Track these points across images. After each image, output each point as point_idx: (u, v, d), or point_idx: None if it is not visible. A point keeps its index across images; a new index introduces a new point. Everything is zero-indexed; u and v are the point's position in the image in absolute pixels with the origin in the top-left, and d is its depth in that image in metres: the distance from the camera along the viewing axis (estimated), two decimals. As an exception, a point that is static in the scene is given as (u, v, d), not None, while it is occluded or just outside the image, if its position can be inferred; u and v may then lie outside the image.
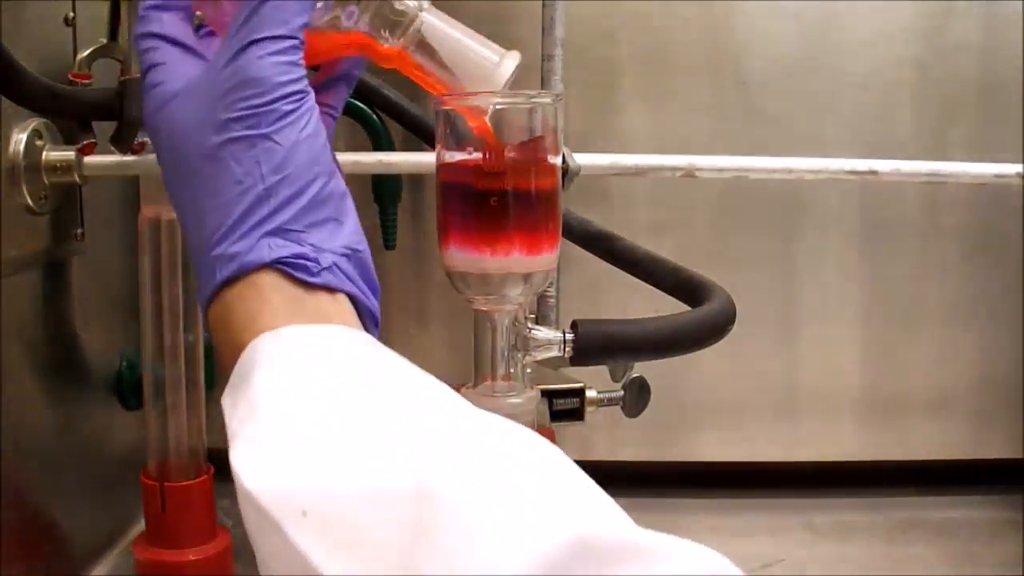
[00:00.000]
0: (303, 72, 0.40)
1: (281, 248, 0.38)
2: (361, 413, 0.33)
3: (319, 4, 0.42)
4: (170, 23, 0.42)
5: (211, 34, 0.45)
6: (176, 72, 0.41)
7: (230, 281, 0.38)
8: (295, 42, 0.39)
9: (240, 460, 0.33)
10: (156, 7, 0.42)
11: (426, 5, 0.44)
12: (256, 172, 0.38)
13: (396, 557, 0.28)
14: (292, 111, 0.39)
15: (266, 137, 0.38)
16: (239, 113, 0.38)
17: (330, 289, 0.39)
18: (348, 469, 0.30)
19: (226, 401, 0.36)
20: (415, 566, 0.27)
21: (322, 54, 0.46)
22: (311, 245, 0.38)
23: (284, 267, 0.38)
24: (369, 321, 0.41)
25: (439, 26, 0.44)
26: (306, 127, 0.39)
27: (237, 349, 0.37)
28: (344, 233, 0.40)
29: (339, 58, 0.47)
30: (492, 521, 0.28)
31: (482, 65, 0.44)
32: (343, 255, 0.39)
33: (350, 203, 0.41)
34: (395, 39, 0.44)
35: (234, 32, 0.39)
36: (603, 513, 0.30)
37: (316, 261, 0.38)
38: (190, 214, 0.40)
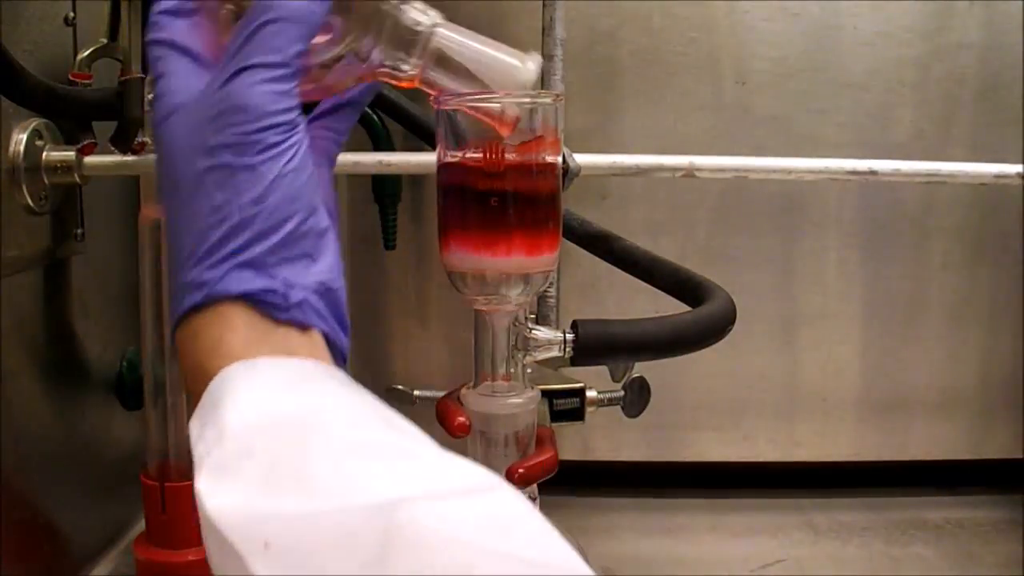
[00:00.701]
0: (295, 102, 0.39)
1: (250, 281, 0.37)
2: (329, 448, 0.32)
3: (324, 38, 0.41)
4: (181, 31, 0.41)
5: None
6: (181, 84, 0.40)
7: (198, 308, 0.37)
8: (288, 71, 0.38)
9: (205, 487, 0.32)
10: (168, 12, 0.41)
11: (438, 18, 0.43)
12: (235, 202, 0.37)
13: None
14: (278, 143, 0.38)
15: (249, 167, 0.37)
16: (225, 139, 0.37)
17: (301, 324, 0.38)
18: (312, 503, 0.30)
19: (193, 427, 0.35)
20: None
21: (334, 86, 0.44)
22: (282, 280, 0.38)
23: (252, 301, 0.37)
24: (337, 358, 0.40)
25: (455, 37, 0.43)
26: (291, 161, 0.38)
27: (202, 374, 0.36)
28: (317, 269, 0.39)
29: (341, 91, 0.46)
30: (456, 563, 0.27)
31: (507, 70, 0.44)
32: (315, 291, 0.39)
33: (331, 239, 0.40)
34: (414, 58, 0.43)
35: (230, 55, 0.38)
36: (568, 567, 0.29)
37: (285, 297, 0.38)
38: (172, 234, 0.39)
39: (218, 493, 0.32)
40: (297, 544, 0.29)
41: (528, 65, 0.44)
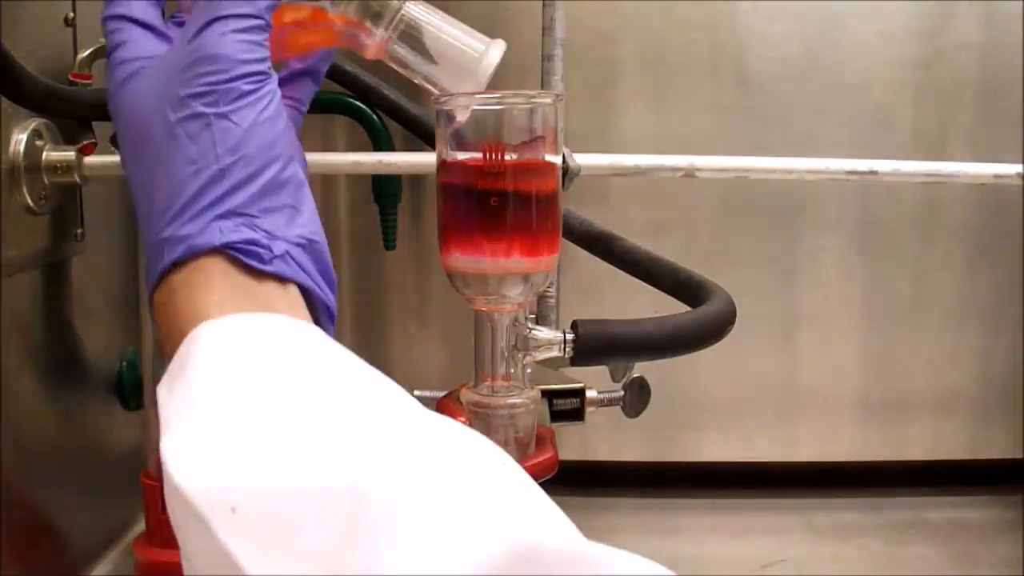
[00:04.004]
0: (266, 53, 0.39)
1: (232, 232, 0.36)
2: (299, 409, 0.31)
3: None
4: (137, 6, 0.41)
5: (181, 24, 0.44)
6: (140, 50, 0.40)
7: (177, 264, 0.36)
8: (260, 22, 0.39)
9: (171, 451, 0.31)
10: None
11: None
12: (211, 152, 0.37)
13: (326, 558, 0.27)
14: (252, 91, 0.38)
15: (223, 116, 0.37)
16: (198, 89, 0.37)
17: (281, 279, 0.37)
18: (282, 466, 0.29)
19: (162, 390, 0.34)
20: (344, 567, 0.26)
21: (296, 47, 0.45)
22: (264, 231, 0.37)
23: (234, 252, 0.36)
24: (324, 314, 0.39)
25: (424, 16, 0.44)
26: (265, 109, 0.38)
27: (180, 336, 0.35)
28: (300, 222, 0.38)
29: (306, 53, 0.47)
30: (428, 524, 0.27)
31: (467, 55, 0.44)
32: (297, 244, 0.38)
33: (308, 192, 0.40)
34: (379, 29, 0.44)
35: (200, 9, 0.39)
36: (547, 522, 0.29)
37: (268, 248, 0.37)
38: (144, 194, 0.38)
39: (184, 459, 0.31)
40: (266, 509, 0.28)
41: (490, 51, 0.44)
